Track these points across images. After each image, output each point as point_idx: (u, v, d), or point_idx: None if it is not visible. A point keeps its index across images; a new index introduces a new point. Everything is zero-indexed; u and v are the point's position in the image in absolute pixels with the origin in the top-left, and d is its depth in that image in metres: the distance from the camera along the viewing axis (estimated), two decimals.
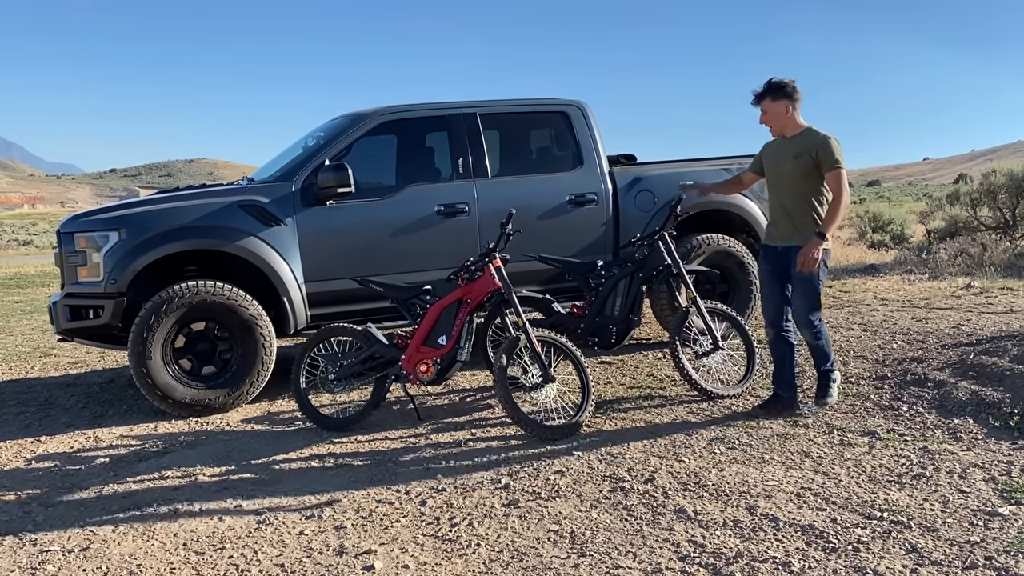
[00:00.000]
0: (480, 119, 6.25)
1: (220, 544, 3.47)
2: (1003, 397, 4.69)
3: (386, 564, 3.21)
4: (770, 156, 4.90)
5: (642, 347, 6.87)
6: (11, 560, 3.40)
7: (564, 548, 3.27)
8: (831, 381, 4.90)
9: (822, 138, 4.64)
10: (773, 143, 4.92)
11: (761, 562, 3.06)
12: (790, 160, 4.70)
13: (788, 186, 4.74)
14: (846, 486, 3.74)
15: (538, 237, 6.04)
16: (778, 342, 4.87)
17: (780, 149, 4.81)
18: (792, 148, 4.71)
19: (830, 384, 4.90)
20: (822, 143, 4.62)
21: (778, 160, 4.80)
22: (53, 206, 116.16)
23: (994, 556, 3.00)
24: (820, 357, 4.89)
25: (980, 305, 7.87)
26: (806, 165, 4.64)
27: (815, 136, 4.66)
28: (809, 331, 4.78)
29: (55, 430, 5.35)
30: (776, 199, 4.87)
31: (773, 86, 4.71)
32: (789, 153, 4.72)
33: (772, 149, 4.91)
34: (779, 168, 4.78)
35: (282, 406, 5.67)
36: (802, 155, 4.65)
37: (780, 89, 4.69)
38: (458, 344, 4.87)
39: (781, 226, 4.82)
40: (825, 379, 4.90)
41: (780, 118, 4.73)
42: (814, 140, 4.64)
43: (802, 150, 4.66)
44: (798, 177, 4.68)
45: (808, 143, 4.65)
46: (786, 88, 4.69)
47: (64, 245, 5.48)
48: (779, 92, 4.69)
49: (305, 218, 5.71)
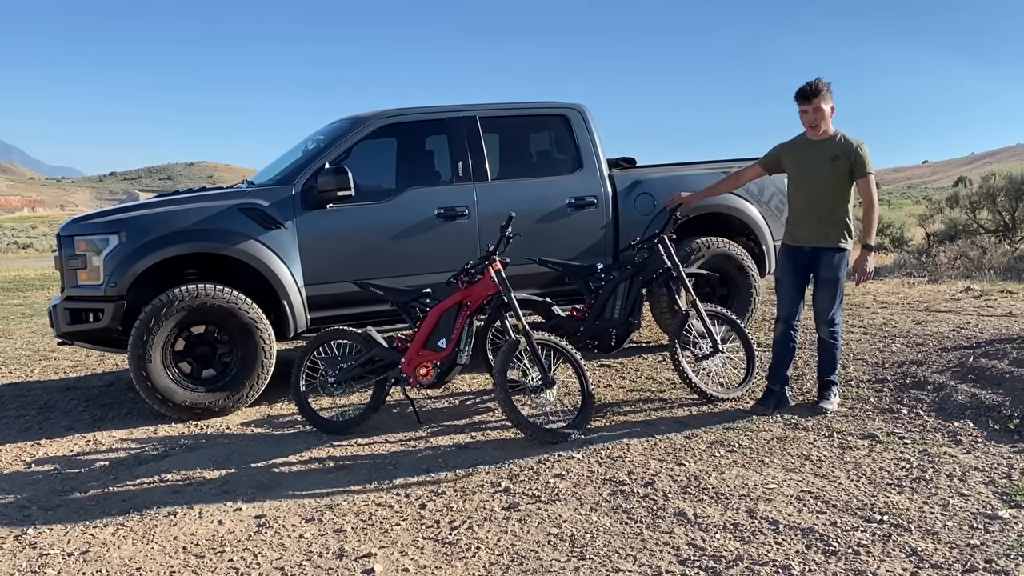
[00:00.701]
0: (480, 122, 6.26)
1: (220, 547, 3.47)
2: (1003, 400, 4.69)
3: (386, 567, 3.21)
4: (798, 157, 4.89)
5: (642, 350, 6.87)
6: (11, 563, 3.40)
7: (564, 551, 3.27)
8: (833, 388, 4.94)
9: (858, 144, 4.70)
10: (799, 144, 4.91)
11: (761, 565, 3.06)
12: (827, 163, 4.72)
13: (822, 189, 4.76)
14: (846, 489, 3.74)
15: (538, 240, 6.04)
16: (785, 339, 4.96)
17: (811, 151, 4.81)
18: (828, 151, 4.73)
19: (831, 392, 4.93)
20: (858, 149, 4.68)
21: (810, 162, 4.80)
22: (53, 209, 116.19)
23: (994, 559, 3.01)
24: (828, 362, 4.93)
25: (980, 308, 7.87)
26: (842, 169, 4.70)
27: (851, 141, 4.72)
28: (829, 329, 4.88)
29: (55, 433, 5.35)
30: (805, 201, 4.86)
31: (822, 87, 4.70)
32: (826, 156, 4.73)
33: (799, 149, 4.90)
34: (812, 170, 4.79)
35: (282, 409, 5.67)
36: (840, 159, 4.69)
37: (827, 89, 4.71)
38: (458, 347, 4.87)
39: (807, 227, 4.85)
40: (827, 387, 4.95)
41: (827, 119, 4.75)
42: (851, 145, 4.69)
43: (840, 154, 4.69)
44: (834, 180, 4.73)
45: (845, 148, 4.70)
46: (830, 88, 4.73)
47: (64, 248, 5.48)
48: (827, 93, 4.71)
49: (305, 221, 5.71)
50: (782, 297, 5.04)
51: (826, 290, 4.84)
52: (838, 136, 4.77)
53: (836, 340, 4.93)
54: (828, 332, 4.90)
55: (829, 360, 4.94)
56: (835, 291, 4.83)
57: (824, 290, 4.85)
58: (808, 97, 4.71)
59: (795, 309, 4.97)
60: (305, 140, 6.57)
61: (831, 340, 4.92)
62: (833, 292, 4.83)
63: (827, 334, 4.91)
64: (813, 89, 4.70)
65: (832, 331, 4.90)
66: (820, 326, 4.93)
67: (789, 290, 4.97)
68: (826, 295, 4.85)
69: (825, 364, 4.97)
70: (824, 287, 4.85)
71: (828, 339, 4.92)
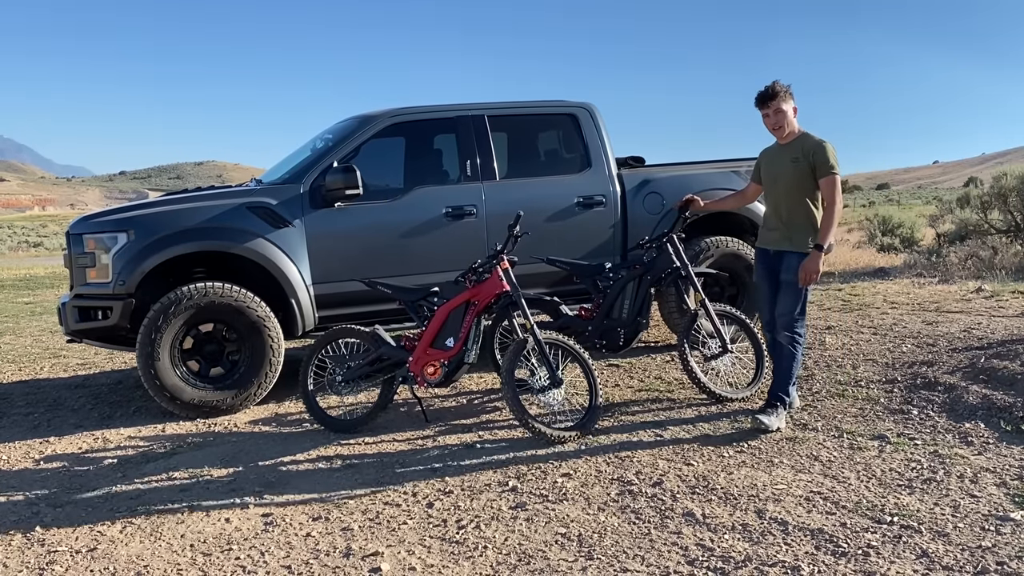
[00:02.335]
0: (488, 121, 6.25)
1: (227, 545, 3.47)
2: (1014, 401, 4.65)
3: (393, 566, 3.20)
4: (767, 161, 4.84)
5: (650, 350, 6.85)
6: (19, 560, 3.40)
7: (572, 551, 3.26)
8: (780, 404, 4.66)
9: (817, 142, 4.58)
10: (771, 149, 4.86)
11: (770, 566, 3.04)
12: (788, 165, 4.63)
13: (784, 191, 4.67)
14: (856, 490, 3.71)
15: (546, 239, 6.03)
16: (776, 344, 4.83)
17: (778, 154, 4.75)
18: (790, 153, 4.65)
19: (776, 407, 4.63)
20: (817, 147, 4.55)
21: (775, 165, 4.74)
22: (63, 208, 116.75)
23: (1005, 561, 2.98)
24: (783, 375, 4.69)
25: (991, 309, 7.82)
26: (803, 170, 4.58)
27: (811, 140, 4.61)
28: (788, 334, 4.68)
29: (63, 431, 5.36)
30: (772, 203, 4.81)
31: (779, 89, 4.62)
32: (787, 158, 4.66)
33: (770, 155, 4.85)
34: (776, 173, 4.72)
35: (290, 408, 5.68)
36: (800, 160, 4.59)
37: (785, 91, 4.63)
38: (466, 346, 4.86)
39: (775, 231, 4.75)
40: (775, 400, 4.67)
41: (789, 121, 4.66)
42: (811, 144, 4.59)
43: (800, 155, 4.60)
44: (795, 182, 4.62)
45: (806, 147, 4.60)
46: (789, 90, 4.64)
47: (73, 247, 5.50)
48: (785, 94, 4.63)
49: (313, 220, 5.71)
50: (761, 303, 4.92)
51: (786, 294, 4.64)
52: (801, 138, 4.66)
53: (795, 350, 4.68)
54: (787, 338, 4.68)
55: (784, 370, 4.69)
56: (796, 296, 4.61)
57: (784, 293, 4.67)
58: (766, 100, 4.62)
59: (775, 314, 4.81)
60: (313, 139, 6.58)
61: (790, 347, 4.67)
62: (794, 297, 4.62)
63: (786, 340, 4.68)
64: (770, 92, 4.61)
65: (792, 338, 4.67)
66: (779, 330, 4.73)
67: (767, 295, 4.82)
68: (786, 299, 4.66)
69: (779, 375, 4.72)
70: (784, 290, 4.66)
71: (787, 345, 4.68)
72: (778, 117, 4.64)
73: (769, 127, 4.73)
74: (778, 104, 4.62)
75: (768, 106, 4.65)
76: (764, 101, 4.65)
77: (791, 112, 4.66)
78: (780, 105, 4.62)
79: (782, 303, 4.70)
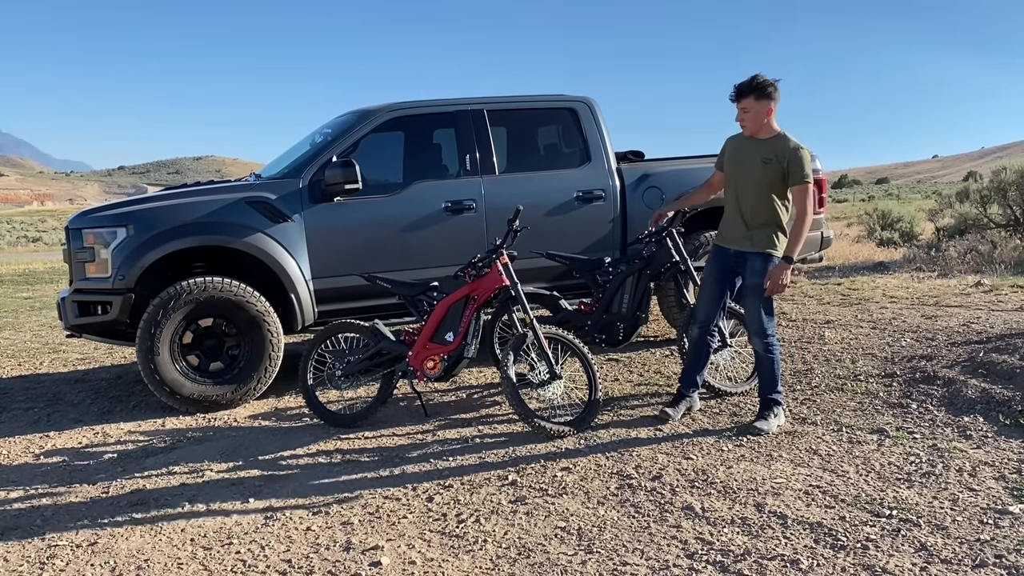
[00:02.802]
0: (487, 115, 6.24)
1: (227, 540, 3.48)
2: (1013, 395, 4.66)
3: (393, 560, 3.21)
4: (734, 154, 4.62)
5: (649, 344, 6.86)
6: (19, 555, 3.41)
7: (571, 545, 3.26)
8: (775, 406, 4.59)
9: (794, 147, 4.40)
10: (738, 140, 4.64)
11: (769, 560, 3.04)
12: (758, 164, 4.45)
13: (751, 190, 4.49)
14: (855, 484, 3.72)
15: (545, 234, 6.02)
16: (701, 343, 4.77)
17: (747, 149, 4.54)
18: (761, 151, 4.46)
19: (772, 411, 4.57)
20: (794, 153, 4.38)
21: (743, 161, 4.54)
22: (62, 203, 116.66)
23: (1004, 555, 2.99)
24: (767, 378, 4.61)
25: (990, 303, 7.83)
26: (774, 172, 4.42)
27: (787, 143, 4.42)
28: (762, 341, 4.58)
29: (63, 426, 5.37)
30: (734, 200, 4.59)
31: (759, 84, 4.42)
32: (757, 156, 4.47)
33: (737, 146, 4.63)
34: (744, 169, 4.52)
35: (289, 402, 5.68)
36: (772, 161, 4.42)
37: (764, 88, 4.41)
38: (465, 341, 4.86)
39: (735, 229, 4.58)
40: (768, 405, 4.60)
41: (759, 119, 4.46)
42: (786, 148, 4.40)
43: (773, 156, 4.42)
44: (764, 183, 4.45)
45: (780, 150, 4.41)
46: (769, 88, 4.42)
47: (72, 241, 5.49)
48: (763, 92, 4.41)
49: (312, 214, 5.71)
50: (702, 298, 4.76)
51: (752, 298, 4.52)
52: (777, 138, 4.45)
53: (772, 354, 4.57)
54: (762, 345, 4.57)
55: (768, 376, 4.59)
56: (762, 299, 4.49)
57: (751, 298, 4.54)
58: (740, 94, 4.44)
59: (713, 313, 4.71)
60: (312, 133, 6.57)
61: (767, 354, 4.57)
62: (760, 300, 4.49)
63: (761, 347, 4.58)
64: (745, 87, 4.42)
65: (766, 343, 4.56)
66: (752, 338, 4.65)
67: (711, 293, 4.70)
68: (754, 304, 4.52)
69: (764, 380, 4.62)
70: (749, 294, 4.55)
71: (763, 352, 4.58)
72: (744, 114, 4.46)
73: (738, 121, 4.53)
74: (748, 102, 4.42)
75: (740, 101, 4.45)
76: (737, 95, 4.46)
77: (764, 111, 4.42)
78: (750, 103, 4.42)
79: (750, 307, 4.59)
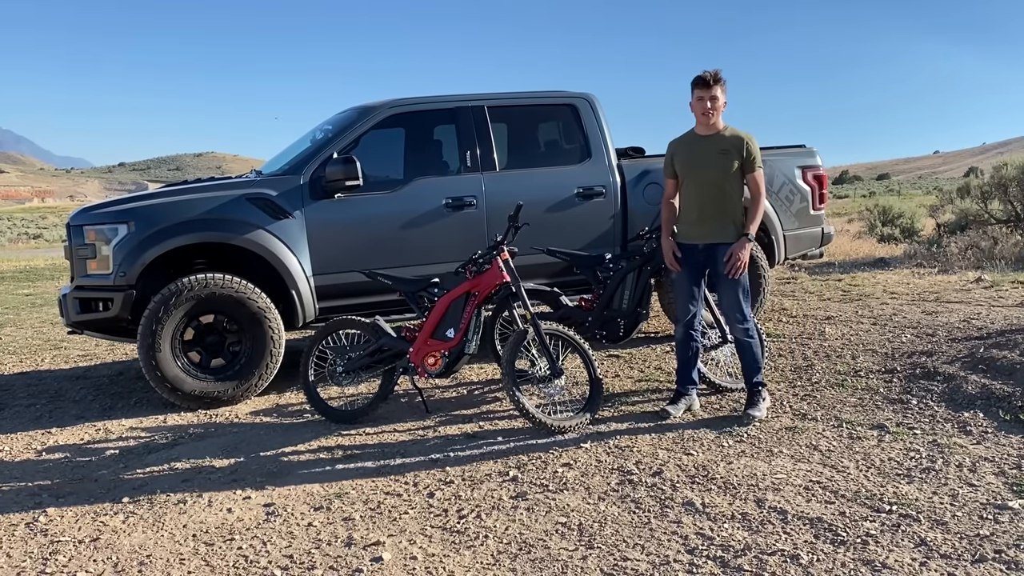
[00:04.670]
0: (488, 112, 6.24)
1: (229, 535, 3.49)
2: (1013, 391, 4.67)
3: (394, 555, 3.22)
4: (687, 154, 4.68)
5: (650, 340, 6.86)
6: (22, 550, 3.42)
7: (572, 540, 3.27)
8: (761, 388, 4.71)
9: (747, 136, 4.58)
10: (687, 140, 4.72)
11: (769, 555, 3.05)
12: (715, 156, 4.56)
13: (712, 184, 4.58)
14: (855, 479, 3.73)
15: (546, 230, 6.02)
16: (687, 340, 4.80)
17: (700, 146, 4.63)
18: (716, 144, 4.57)
19: (760, 395, 4.69)
20: (748, 141, 4.56)
21: (700, 158, 4.61)
22: (62, 200, 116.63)
23: (1004, 550, 3.00)
24: (750, 364, 4.70)
25: (990, 299, 7.83)
26: (731, 163, 4.54)
27: (740, 135, 4.58)
28: (742, 327, 4.65)
29: (65, 422, 5.38)
30: (695, 197, 4.66)
31: (721, 76, 4.54)
32: (713, 149, 4.57)
33: (688, 146, 4.69)
34: (701, 166, 4.61)
35: (291, 398, 5.69)
36: (730, 152, 4.54)
37: (724, 81, 4.56)
38: (466, 337, 4.87)
39: (700, 224, 4.65)
40: (755, 391, 4.70)
41: (720, 111, 4.58)
42: (739, 139, 4.56)
43: (730, 147, 4.55)
44: (723, 174, 4.56)
45: (735, 141, 4.56)
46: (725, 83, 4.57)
47: (74, 238, 5.50)
48: (724, 84, 4.56)
49: (313, 211, 5.71)
50: (678, 298, 4.82)
51: (728, 287, 4.62)
52: (727, 130, 4.62)
53: (753, 338, 4.67)
54: (742, 331, 4.66)
55: (750, 361, 4.69)
56: (737, 287, 4.60)
57: (726, 288, 4.63)
58: (708, 84, 4.52)
59: (693, 309, 4.76)
60: (313, 130, 6.57)
61: (747, 339, 4.66)
62: (736, 289, 4.60)
63: (741, 333, 4.67)
64: (714, 76, 4.52)
65: (746, 329, 4.65)
66: (732, 326, 4.73)
67: (686, 292, 4.75)
68: (730, 293, 4.62)
69: (747, 366, 4.72)
70: (725, 284, 4.63)
71: (743, 338, 4.67)
72: (714, 103, 4.54)
73: (699, 111, 4.58)
74: (717, 91, 4.53)
75: (709, 89, 4.53)
76: (707, 84, 4.53)
77: (722, 104, 4.58)
78: (718, 92, 4.54)
79: (726, 297, 4.68)
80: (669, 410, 4.77)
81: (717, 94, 4.54)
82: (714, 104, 4.54)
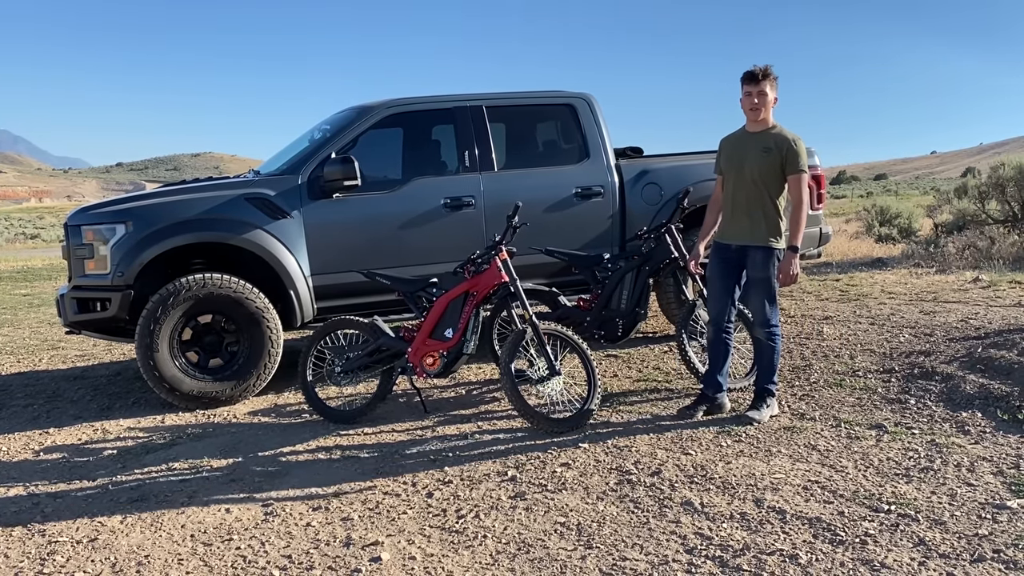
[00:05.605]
0: (486, 112, 6.23)
1: (227, 535, 3.48)
2: (1011, 390, 4.67)
3: (393, 555, 3.22)
4: (732, 151, 4.64)
5: (648, 340, 6.86)
6: (20, 551, 3.41)
7: (571, 540, 3.27)
8: (769, 396, 4.68)
9: (792, 138, 4.48)
10: (736, 137, 4.68)
11: (768, 555, 3.05)
12: (758, 154, 4.48)
13: (751, 180, 4.52)
14: (853, 479, 3.73)
15: (544, 230, 6.02)
16: (718, 342, 4.77)
17: (747, 142, 4.57)
18: (761, 142, 4.50)
19: (765, 401, 4.66)
20: (793, 143, 4.45)
21: (744, 155, 4.55)
22: (60, 200, 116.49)
23: (1002, 549, 3.00)
24: (765, 368, 4.69)
25: (988, 299, 7.83)
26: (773, 163, 4.46)
27: (786, 134, 4.49)
28: (765, 330, 4.63)
29: (63, 422, 5.37)
30: (734, 195, 4.61)
31: (771, 71, 4.48)
32: (757, 147, 4.50)
33: (735, 143, 4.65)
34: (744, 163, 4.54)
35: (289, 399, 5.69)
36: (772, 151, 4.46)
37: (775, 77, 4.49)
38: (464, 337, 4.87)
39: (736, 224, 4.61)
40: (762, 395, 4.68)
41: (771, 105, 4.52)
42: (785, 138, 4.47)
43: (773, 145, 4.46)
44: (764, 172, 4.49)
45: (779, 140, 4.47)
46: (776, 79, 4.50)
47: (71, 238, 5.49)
48: (774, 80, 4.50)
49: (311, 211, 5.71)
50: (711, 297, 4.78)
51: (757, 290, 4.59)
52: (775, 128, 4.52)
53: (775, 343, 4.65)
54: (765, 334, 4.64)
55: (766, 365, 4.68)
56: (766, 291, 4.57)
57: (755, 290, 4.60)
58: (756, 79, 4.46)
59: (725, 310, 4.72)
60: (311, 130, 6.57)
61: (769, 342, 4.64)
62: (764, 293, 4.57)
63: (764, 335, 4.65)
64: (763, 72, 4.46)
65: (769, 332, 4.63)
66: (756, 327, 4.71)
67: (720, 291, 4.71)
68: (758, 296, 4.60)
69: (762, 369, 4.71)
70: (755, 287, 4.60)
71: (766, 341, 4.65)
72: (761, 99, 4.48)
73: (747, 107, 4.53)
74: (765, 86, 4.48)
75: (757, 85, 4.47)
76: (755, 79, 4.47)
77: (772, 100, 4.52)
78: (767, 88, 4.48)
79: (754, 301, 4.65)
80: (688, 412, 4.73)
81: (765, 89, 4.46)
82: (762, 100, 4.47)
